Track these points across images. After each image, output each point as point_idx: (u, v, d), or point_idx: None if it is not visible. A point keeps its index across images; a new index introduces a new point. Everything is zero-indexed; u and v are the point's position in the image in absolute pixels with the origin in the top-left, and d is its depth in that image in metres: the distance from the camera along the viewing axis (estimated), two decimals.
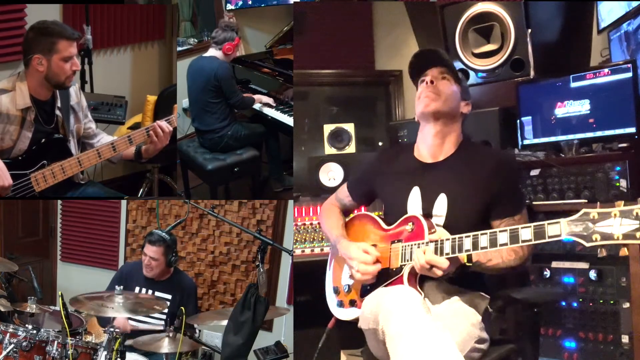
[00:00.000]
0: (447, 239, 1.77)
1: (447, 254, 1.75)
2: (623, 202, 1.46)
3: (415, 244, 1.86)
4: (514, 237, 1.63)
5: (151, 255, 2.94)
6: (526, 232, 1.60)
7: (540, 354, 2.33)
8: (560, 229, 1.53)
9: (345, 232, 2.17)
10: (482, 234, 1.70)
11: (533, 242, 1.59)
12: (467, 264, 1.76)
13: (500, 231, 1.67)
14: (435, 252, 1.77)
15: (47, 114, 2.43)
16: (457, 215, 1.93)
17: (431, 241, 1.81)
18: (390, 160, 2.16)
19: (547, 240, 1.57)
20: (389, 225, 2.04)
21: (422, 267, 1.76)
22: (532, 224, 1.60)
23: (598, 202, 1.55)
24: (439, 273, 1.75)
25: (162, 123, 2.47)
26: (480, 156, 2.01)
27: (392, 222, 2.02)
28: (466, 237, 1.73)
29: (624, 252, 1.46)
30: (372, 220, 2.13)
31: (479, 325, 1.85)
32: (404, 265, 1.87)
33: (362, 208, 2.97)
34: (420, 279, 1.87)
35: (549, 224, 1.56)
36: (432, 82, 2.00)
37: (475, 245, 1.70)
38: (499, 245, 1.67)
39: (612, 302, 2.28)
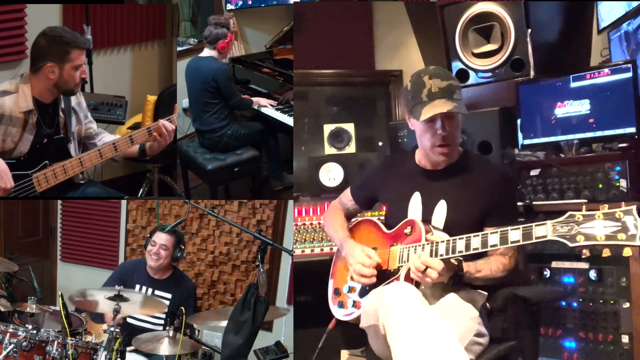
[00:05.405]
0: (442, 241, 1.83)
1: (441, 255, 1.81)
2: (607, 205, 1.53)
3: (412, 246, 1.91)
4: (504, 238, 1.70)
5: (162, 242, 2.93)
6: (515, 234, 1.67)
7: (540, 354, 2.33)
8: (547, 230, 1.60)
9: (349, 234, 2.22)
10: (474, 236, 1.77)
11: (521, 242, 1.66)
12: (459, 272, 1.83)
13: (491, 233, 1.74)
14: (430, 254, 1.82)
15: (49, 117, 2.42)
16: (456, 222, 1.98)
17: (427, 241, 1.87)
18: (393, 167, 2.23)
19: (534, 241, 1.63)
20: (390, 229, 2.11)
21: (417, 268, 1.79)
22: (520, 226, 1.67)
23: (585, 209, 1.57)
24: (434, 275, 1.76)
25: (165, 121, 2.46)
26: (480, 168, 2.07)
27: (393, 227, 2.09)
28: (459, 239, 1.79)
29: (606, 252, 1.52)
30: (375, 225, 2.19)
31: (477, 319, 1.89)
32: (401, 266, 1.93)
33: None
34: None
35: (536, 225, 1.63)
36: (444, 128, 1.95)
37: (467, 247, 1.77)
38: (490, 247, 1.74)
39: (612, 302, 2.28)
